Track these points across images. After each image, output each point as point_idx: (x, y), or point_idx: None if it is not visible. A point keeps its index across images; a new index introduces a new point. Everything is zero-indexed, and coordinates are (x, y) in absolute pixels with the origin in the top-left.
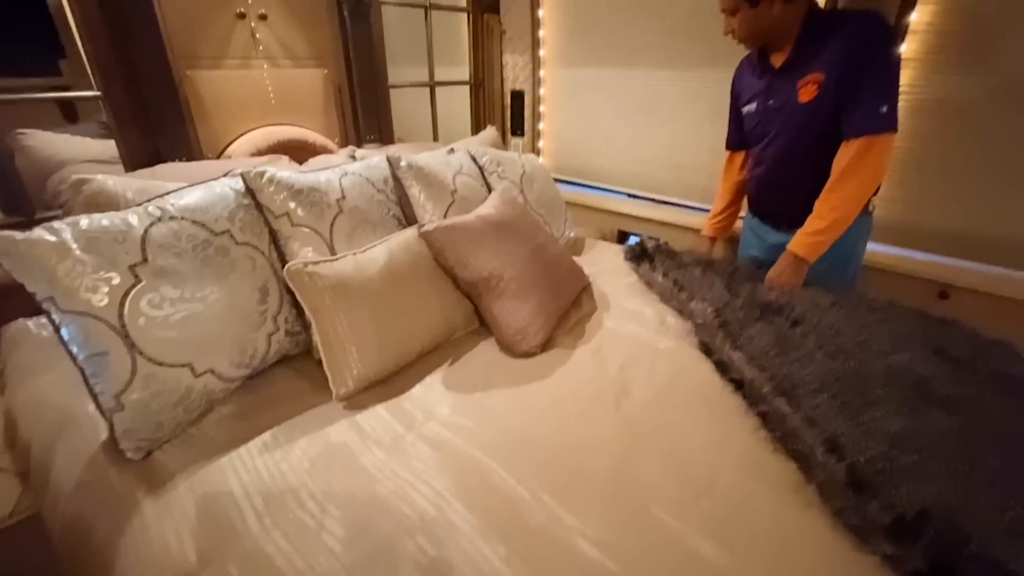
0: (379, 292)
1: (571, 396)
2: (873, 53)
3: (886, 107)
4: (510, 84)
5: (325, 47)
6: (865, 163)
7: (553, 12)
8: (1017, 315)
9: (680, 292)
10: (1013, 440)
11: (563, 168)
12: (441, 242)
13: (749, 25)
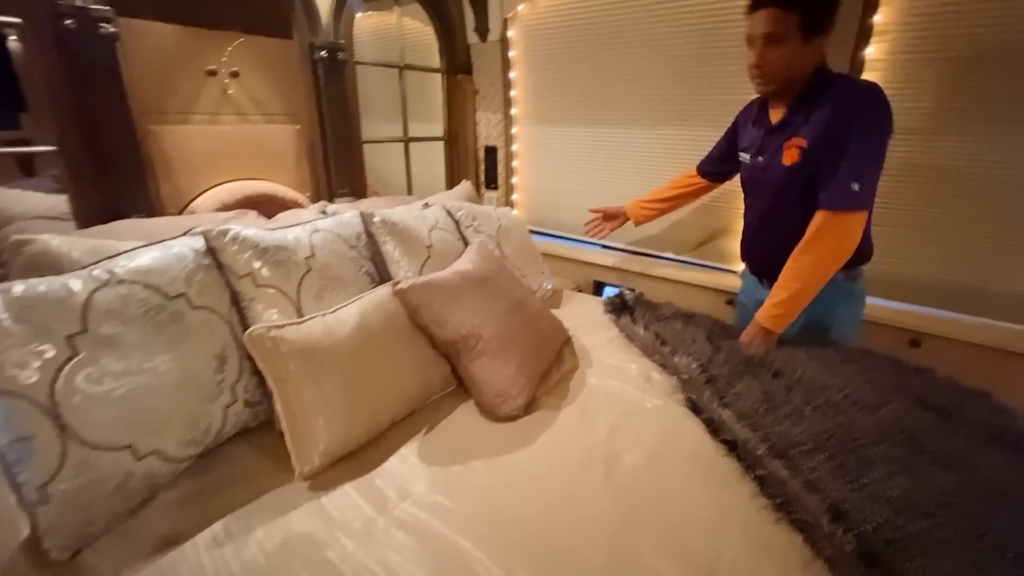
0: (350, 356)
1: (559, 465)
2: (856, 128)
3: (858, 186)
4: (483, 140)
5: (299, 103)
6: (828, 237)
7: (523, 74)
8: (986, 361)
9: (663, 346)
10: (1013, 500)
11: (538, 220)
12: (417, 300)
13: (787, 61)
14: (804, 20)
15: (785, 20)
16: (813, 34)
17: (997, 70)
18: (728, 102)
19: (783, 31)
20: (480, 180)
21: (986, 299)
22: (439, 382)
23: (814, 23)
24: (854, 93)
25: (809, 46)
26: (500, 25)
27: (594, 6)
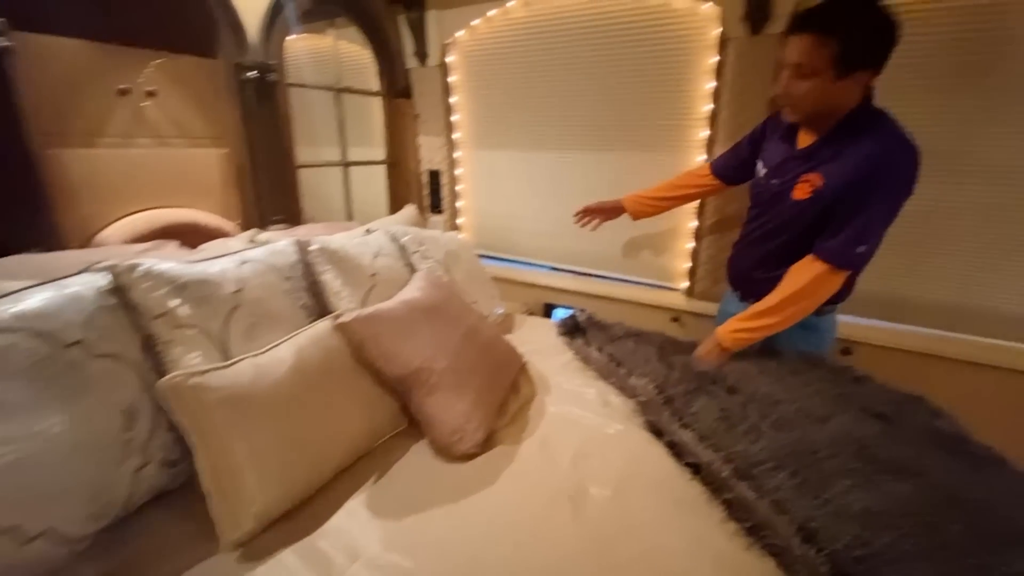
0: (285, 400)
1: (523, 504)
2: (883, 191)
3: (864, 248)
4: (426, 164)
5: (225, 126)
6: (817, 287)
7: (465, 99)
8: (911, 365)
9: (618, 368)
10: (965, 503)
11: (486, 244)
12: (361, 334)
13: (817, 96)
14: (842, 53)
15: (820, 51)
16: (850, 69)
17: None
18: (665, 127)
19: (816, 63)
20: (425, 204)
21: (906, 307)
22: (388, 422)
23: (852, 57)
24: (894, 151)
25: (843, 82)
26: (439, 50)
27: (531, 33)
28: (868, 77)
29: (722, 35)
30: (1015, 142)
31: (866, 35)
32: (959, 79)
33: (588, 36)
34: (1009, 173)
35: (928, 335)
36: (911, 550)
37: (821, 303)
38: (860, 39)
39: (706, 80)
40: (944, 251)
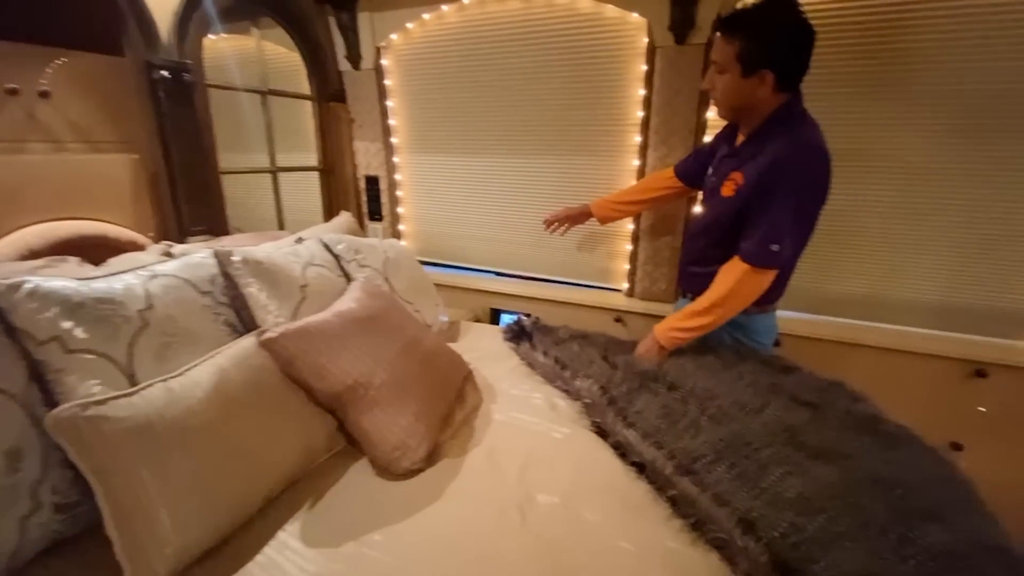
0: (204, 427)
1: (471, 520)
2: (785, 189)
3: (777, 247)
4: (363, 169)
5: (135, 130)
6: (742, 287)
7: (401, 103)
8: (836, 354)
9: (563, 371)
10: (884, 481)
11: (429, 250)
12: (290, 350)
13: (729, 92)
14: (741, 52)
15: (726, 49)
16: (753, 68)
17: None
18: (601, 132)
19: (724, 61)
20: (363, 212)
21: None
22: (324, 442)
23: (752, 57)
24: (799, 154)
25: (750, 80)
26: (373, 53)
27: (466, 38)
28: (773, 77)
29: (650, 44)
30: (924, 145)
31: (766, 38)
32: (878, 87)
33: (523, 42)
34: (918, 174)
35: (848, 325)
36: (840, 531)
37: (750, 301)
38: (759, 41)
39: (637, 87)
40: (859, 247)
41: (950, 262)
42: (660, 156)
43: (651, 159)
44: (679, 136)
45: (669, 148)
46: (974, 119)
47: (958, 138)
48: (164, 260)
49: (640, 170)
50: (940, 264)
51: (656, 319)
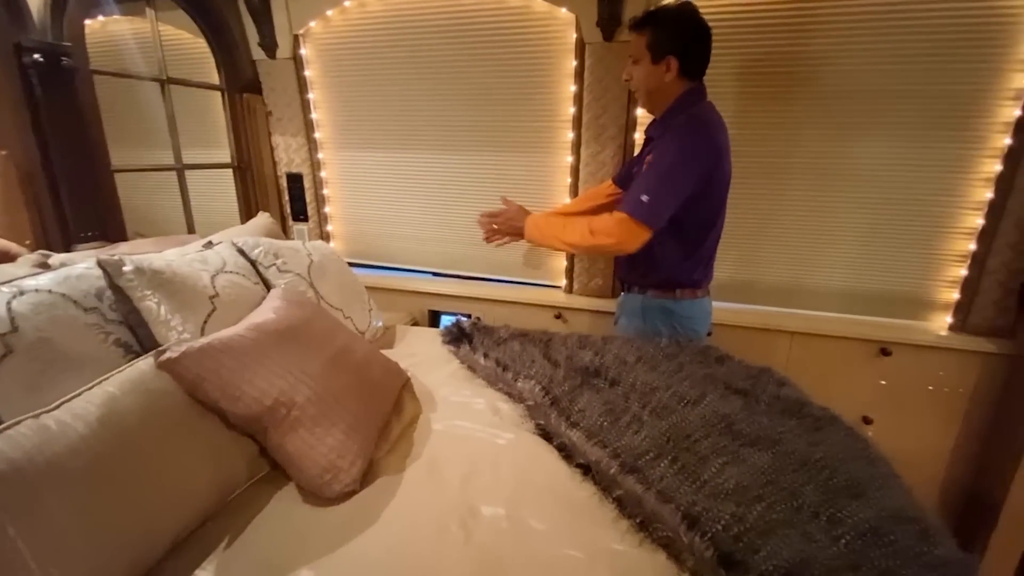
0: (90, 467)
1: (410, 539)
2: (660, 150)
3: (647, 198)
4: (284, 167)
5: (1, 123)
6: (611, 232)
7: (324, 96)
8: (761, 341)
9: (505, 372)
10: (812, 464)
11: (361, 252)
12: (196, 371)
13: (642, 79)
14: (650, 41)
15: (638, 41)
16: (660, 55)
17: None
18: (534, 128)
19: (637, 51)
20: (286, 212)
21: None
22: (243, 471)
23: (659, 44)
24: (686, 124)
25: (659, 67)
26: (290, 42)
27: (392, 29)
28: (677, 64)
29: (579, 40)
30: (830, 144)
31: (670, 28)
32: (789, 87)
33: (452, 34)
34: (824, 171)
35: (769, 312)
36: (777, 518)
37: (607, 251)
38: (665, 30)
39: (568, 83)
40: (777, 239)
41: (855, 251)
42: (592, 153)
43: (584, 156)
44: (610, 133)
45: (601, 145)
46: (871, 118)
47: (858, 136)
48: (37, 273)
49: (574, 167)
50: (847, 253)
51: (596, 314)
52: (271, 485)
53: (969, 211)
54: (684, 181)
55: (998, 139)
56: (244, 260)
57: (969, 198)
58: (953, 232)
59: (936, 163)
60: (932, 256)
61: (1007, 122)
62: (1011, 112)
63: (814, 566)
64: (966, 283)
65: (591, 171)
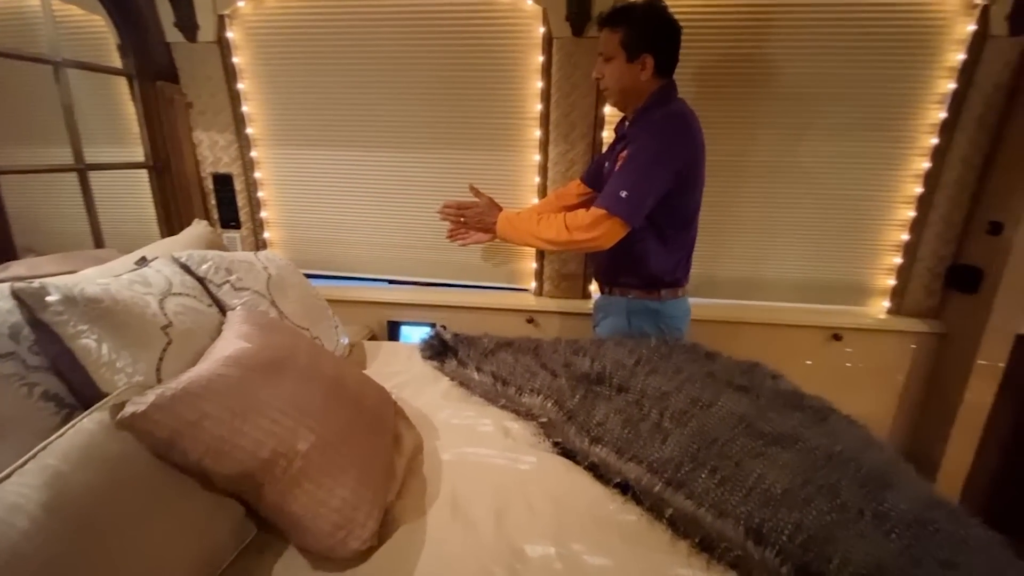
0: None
1: None
2: (638, 146)
3: (626, 194)
4: (210, 166)
5: None
6: (589, 228)
7: (258, 86)
8: (726, 333)
9: (506, 387)
10: (836, 457)
11: (305, 261)
12: (170, 425)
13: (616, 78)
14: (625, 39)
15: (611, 38)
16: (636, 53)
17: None
18: (498, 125)
19: (610, 49)
20: (213, 218)
21: (714, 284)
22: (229, 539)
23: (634, 43)
24: (655, 116)
25: (634, 65)
26: (214, 23)
27: (339, 15)
28: (653, 61)
29: (547, 34)
30: (783, 144)
31: (644, 26)
32: (746, 89)
33: (407, 23)
34: (779, 169)
35: (733, 305)
36: (830, 520)
37: (583, 248)
38: (639, 28)
39: (535, 79)
40: (737, 235)
41: (806, 244)
42: (562, 152)
43: (552, 154)
44: (579, 131)
45: (570, 144)
46: (818, 119)
47: (808, 136)
48: None
49: (542, 166)
50: (799, 246)
51: (568, 316)
52: (266, 552)
53: (902, 205)
54: (663, 177)
55: (926, 139)
56: (191, 279)
57: (902, 193)
58: (889, 224)
59: (874, 161)
60: (872, 246)
61: (934, 123)
62: (937, 114)
63: (886, 568)
64: (901, 270)
65: (560, 170)
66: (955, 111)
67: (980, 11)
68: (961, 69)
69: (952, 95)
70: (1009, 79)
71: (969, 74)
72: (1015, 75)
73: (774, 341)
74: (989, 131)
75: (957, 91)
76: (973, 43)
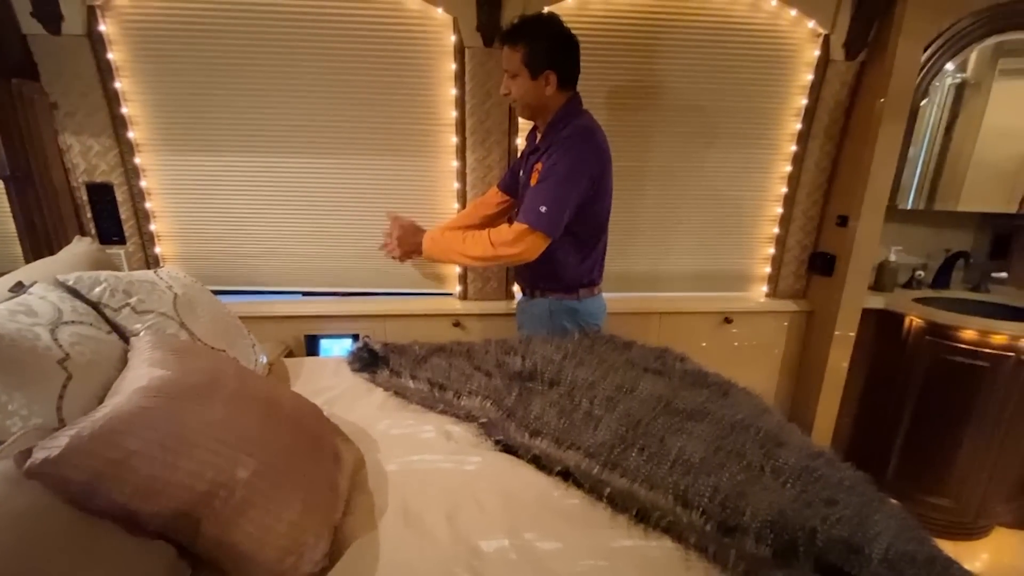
0: None
1: None
2: (553, 159)
3: (544, 208)
4: (83, 175)
5: None
6: (513, 243)
7: (139, 86)
8: (637, 324)
9: (443, 392)
10: (739, 425)
11: (208, 276)
12: (90, 469)
13: (521, 94)
14: (526, 57)
15: (512, 56)
16: (538, 70)
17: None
18: (413, 131)
19: (513, 66)
20: (90, 233)
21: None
22: None
23: (536, 60)
24: (567, 131)
25: (538, 81)
26: (83, 13)
27: (235, 13)
28: (556, 77)
29: (459, 43)
30: (675, 150)
31: (545, 43)
32: (641, 101)
33: (312, 24)
34: (673, 173)
35: (640, 297)
36: (742, 479)
37: (524, 259)
38: (539, 45)
39: (449, 87)
40: (640, 233)
41: (698, 239)
42: (479, 158)
43: (470, 160)
44: (495, 138)
45: (487, 150)
46: (704, 128)
47: (696, 143)
48: None
49: (460, 172)
50: (693, 241)
51: (494, 318)
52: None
53: (773, 202)
54: (578, 189)
55: (788, 146)
56: (83, 304)
57: (772, 192)
58: (763, 219)
59: (750, 165)
60: (751, 239)
61: (793, 133)
62: (795, 126)
63: (785, 512)
64: (774, 259)
65: (479, 175)
66: (808, 123)
67: (823, 39)
68: (811, 88)
69: (805, 110)
70: (846, 97)
71: (817, 92)
72: (851, 93)
73: (677, 327)
74: (834, 140)
75: (808, 106)
76: (818, 66)
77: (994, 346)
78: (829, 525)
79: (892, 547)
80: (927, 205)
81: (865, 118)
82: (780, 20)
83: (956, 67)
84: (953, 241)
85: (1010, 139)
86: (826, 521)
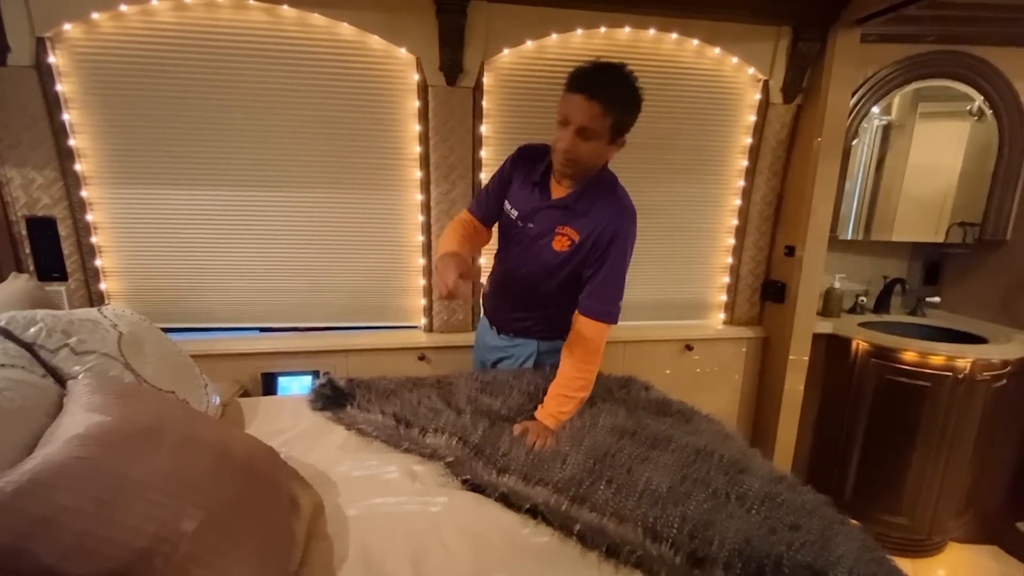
0: None
1: None
2: (618, 249)
3: (614, 308)
4: (23, 208)
5: None
6: (592, 341)
7: (90, 117)
8: (608, 352)
9: (408, 429)
10: (703, 452)
11: (158, 313)
12: (15, 528)
13: (588, 154)
14: (616, 123)
15: (603, 119)
16: (618, 136)
17: None
18: (376, 166)
19: (598, 128)
20: (29, 269)
21: None
22: None
23: (623, 128)
24: (624, 212)
25: (612, 147)
26: (31, 45)
27: (192, 46)
28: (624, 143)
29: (422, 82)
30: (638, 185)
31: (633, 110)
32: None
33: (272, 60)
34: (637, 207)
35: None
36: (708, 507)
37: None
38: (632, 119)
39: (413, 123)
40: None
41: (662, 269)
42: (443, 192)
43: (434, 194)
44: (459, 172)
45: (451, 184)
46: (668, 165)
47: (657, 178)
48: None
49: (425, 205)
50: (656, 271)
51: (460, 350)
52: None
53: (726, 234)
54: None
55: (737, 181)
56: (15, 345)
57: (725, 224)
58: (718, 250)
59: (704, 199)
60: (709, 269)
61: (741, 170)
62: (742, 162)
63: (752, 540)
64: (729, 288)
65: (443, 208)
66: (754, 160)
67: (762, 84)
68: (754, 128)
69: (750, 148)
70: (787, 136)
71: (760, 132)
72: (791, 133)
73: (641, 355)
74: (778, 176)
75: (753, 145)
76: (760, 108)
77: (933, 366)
78: (794, 551)
79: (854, 570)
80: (865, 235)
81: (804, 156)
82: (724, 66)
83: (882, 110)
84: (890, 269)
85: (933, 175)
86: (791, 547)
